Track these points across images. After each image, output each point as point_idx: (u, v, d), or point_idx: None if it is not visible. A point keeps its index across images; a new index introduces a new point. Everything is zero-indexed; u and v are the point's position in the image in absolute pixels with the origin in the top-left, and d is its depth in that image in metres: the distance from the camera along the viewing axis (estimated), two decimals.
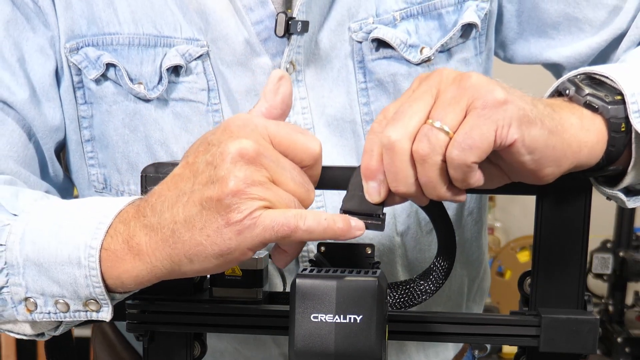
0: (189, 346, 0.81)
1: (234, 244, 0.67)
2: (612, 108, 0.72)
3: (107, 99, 0.94)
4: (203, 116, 0.93)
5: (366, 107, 0.95)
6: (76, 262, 0.74)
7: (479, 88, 0.65)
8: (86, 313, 0.76)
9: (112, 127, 0.95)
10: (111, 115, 0.95)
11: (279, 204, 0.67)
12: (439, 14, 0.95)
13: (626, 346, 2.53)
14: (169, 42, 0.93)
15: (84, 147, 0.97)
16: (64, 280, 0.75)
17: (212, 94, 0.93)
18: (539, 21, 1.00)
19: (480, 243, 1.07)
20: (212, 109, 0.94)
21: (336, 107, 0.95)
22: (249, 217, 0.66)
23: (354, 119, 0.95)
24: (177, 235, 0.68)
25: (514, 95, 0.67)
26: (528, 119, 0.66)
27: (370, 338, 0.69)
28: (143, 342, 0.80)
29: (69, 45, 0.94)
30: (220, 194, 0.66)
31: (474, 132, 0.64)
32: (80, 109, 0.96)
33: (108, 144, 0.96)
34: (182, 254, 0.69)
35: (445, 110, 0.65)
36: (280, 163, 0.68)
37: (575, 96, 0.72)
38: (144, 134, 0.94)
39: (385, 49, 0.94)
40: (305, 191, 0.69)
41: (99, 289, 0.74)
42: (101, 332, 1.13)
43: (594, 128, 0.71)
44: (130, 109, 0.94)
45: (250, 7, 0.91)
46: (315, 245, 0.79)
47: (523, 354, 0.80)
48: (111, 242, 0.73)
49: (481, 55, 0.99)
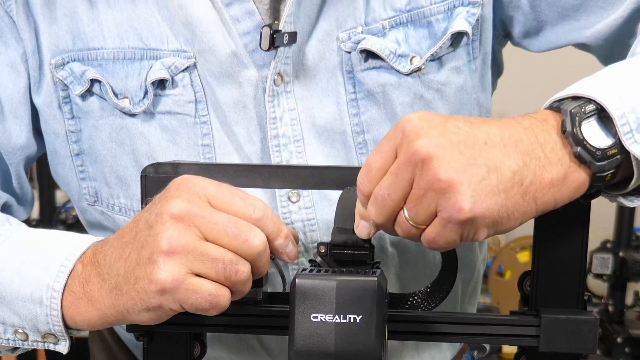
0: (188, 346, 0.81)
1: (157, 302, 0.71)
2: (601, 165, 0.69)
3: (93, 114, 0.94)
4: (191, 128, 0.92)
5: (356, 117, 0.94)
6: (38, 301, 0.79)
7: (447, 191, 0.66)
8: (44, 344, 0.82)
9: (100, 141, 0.94)
10: (98, 129, 0.94)
11: (206, 269, 0.70)
12: (428, 22, 0.94)
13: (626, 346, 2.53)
14: (155, 55, 0.92)
15: (74, 161, 0.96)
16: (25, 314, 0.80)
17: (200, 106, 0.92)
18: (558, 7, 0.98)
19: (474, 246, 1.06)
20: (200, 120, 0.92)
21: (326, 118, 0.94)
22: (172, 280, 0.70)
23: (344, 130, 0.94)
24: (118, 287, 0.74)
25: (492, 158, 0.67)
26: (497, 214, 0.68)
27: (370, 338, 0.69)
28: (143, 342, 0.80)
29: (55, 60, 0.93)
30: (151, 252, 0.71)
31: (440, 239, 0.69)
32: (68, 123, 0.95)
33: (97, 158, 0.95)
34: (122, 305, 0.74)
35: (416, 209, 0.68)
36: (213, 219, 0.71)
37: (570, 140, 0.69)
38: (131, 147, 0.93)
39: (374, 59, 0.93)
40: (241, 242, 0.71)
41: (58, 327, 0.79)
42: (98, 334, 1.13)
43: (576, 180, 0.70)
44: (116, 123, 0.93)
45: (237, 18, 0.90)
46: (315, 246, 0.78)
47: (523, 354, 0.80)
48: (71, 283, 0.78)
49: (475, 62, 0.98)
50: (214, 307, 0.71)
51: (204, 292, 0.70)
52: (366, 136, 0.94)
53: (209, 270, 0.70)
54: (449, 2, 0.94)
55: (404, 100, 0.94)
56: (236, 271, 0.70)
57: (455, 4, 0.95)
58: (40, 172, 2.61)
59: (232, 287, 0.71)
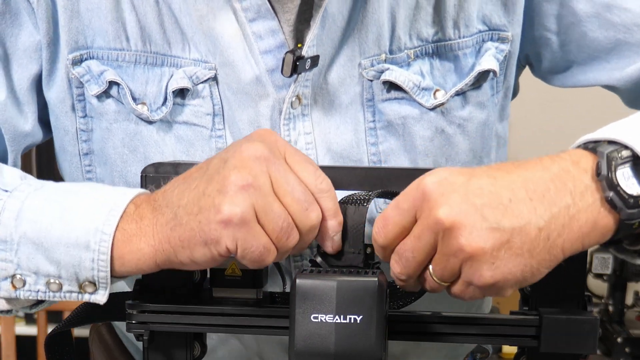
0: (188, 346, 0.81)
1: (216, 235, 0.69)
2: (632, 212, 0.68)
3: (107, 116, 0.92)
4: (206, 141, 0.91)
5: (374, 147, 0.92)
6: (84, 246, 0.75)
7: (469, 259, 0.67)
8: (78, 294, 0.77)
9: (111, 145, 0.92)
10: (111, 133, 0.92)
11: (268, 220, 0.70)
12: (455, 55, 0.92)
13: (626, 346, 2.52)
14: (176, 62, 0.90)
15: (82, 160, 0.95)
16: (66, 261, 0.75)
17: (217, 119, 0.91)
18: (589, 49, 0.95)
19: None
20: (216, 134, 0.91)
21: (342, 144, 0.92)
22: (240, 215, 0.69)
23: (360, 158, 0.92)
24: (177, 218, 0.72)
25: (517, 216, 0.67)
26: (520, 275, 0.68)
27: (370, 338, 0.69)
28: (143, 342, 0.80)
29: (72, 56, 0.90)
30: (223, 184, 0.69)
31: (464, 296, 0.70)
32: (80, 122, 0.93)
33: (106, 160, 0.93)
34: (177, 238, 0.72)
35: (442, 271, 0.69)
36: (286, 175, 0.71)
37: (603, 184, 0.68)
38: (143, 155, 0.91)
39: (396, 90, 0.91)
40: (301, 209, 0.71)
41: (103, 273, 0.75)
42: (98, 335, 1.13)
43: (605, 226, 0.69)
44: (130, 128, 0.91)
45: (260, 35, 0.88)
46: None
47: (523, 354, 0.80)
48: (123, 223, 0.75)
49: (497, 95, 0.96)
50: (262, 261, 0.70)
51: (261, 243, 0.70)
52: (383, 166, 0.92)
53: (270, 222, 0.70)
54: (478, 36, 0.93)
55: (425, 134, 0.92)
56: (289, 235, 0.71)
57: (484, 38, 0.93)
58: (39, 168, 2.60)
59: (279, 249, 0.71)
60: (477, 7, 0.92)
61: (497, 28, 0.93)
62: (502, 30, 0.94)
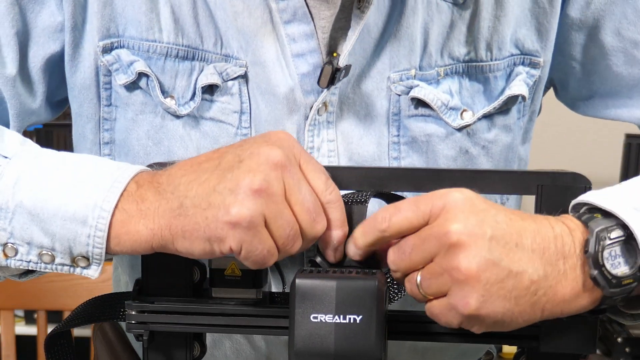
0: (188, 346, 0.81)
1: (222, 234, 0.69)
2: (614, 291, 0.69)
3: (134, 107, 0.91)
4: (231, 139, 0.90)
5: (396, 161, 0.92)
6: (81, 221, 0.74)
7: (462, 282, 0.67)
8: (70, 268, 0.76)
9: (135, 136, 0.91)
10: (136, 124, 0.91)
11: (276, 226, 0.70)
12: (485, 77, 0.92)
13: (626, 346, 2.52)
14: (206, 57, 0.89)
15: (102, 149, 0.93)
16: (62, 234, 0.75)
17: (244, 117, 0.90)
18: (612, 83, 0.96)
19: None
20: (242, 132, 0.90)
21: (364, 156, 0.91)
22: (249, 219, 0.69)
23: None
24: (183, 208, 0.71)
25: (517, 262, 0.67)
26: (501, 317, 0.68)
27: (370, 338, 0.69)
28: (143, 342, 0.80)
29: (102, 44, 0.89)
30: (237, 185, 0.69)
31: (441, 317, 0.70)
32: (104, 110, 0.92)
33: (129, 151, 0.92)
34: (179, 227, 0.71)
35: (430, 281, 0.69)
36: (299, 183, 0.71)
37: (589, 261, 0.69)
38: (167, 148, 0.91)
39: (424, 107, 0.90)
40: (309, 219, 0.71)
41: (98, 249, 0.74)
42: (101, 332, 1.13)
43: (586, 298, 0.70)
44: (156, 121, 0.90)
45: (294, 37, 0.87)
46: None
47: (523, 354, 0.80)
48: (123, 202, 0.74)
49: (523, 119, 0.96)
50: (264, 263, 0.71)
51: (265, 247, 0.70)
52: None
53: (278, 229, 0.70)
54: (510, 59, 0.92)
55: (449, 154, 0.92)
56: (294, 243, 0.71)
57: (516, 62, 0.93)
58: None
59: (282, 253, 0.72)
60: (512, 31, 0.92)
61: (529, 53, 0.93)
62: (535, 56, 0.93)
